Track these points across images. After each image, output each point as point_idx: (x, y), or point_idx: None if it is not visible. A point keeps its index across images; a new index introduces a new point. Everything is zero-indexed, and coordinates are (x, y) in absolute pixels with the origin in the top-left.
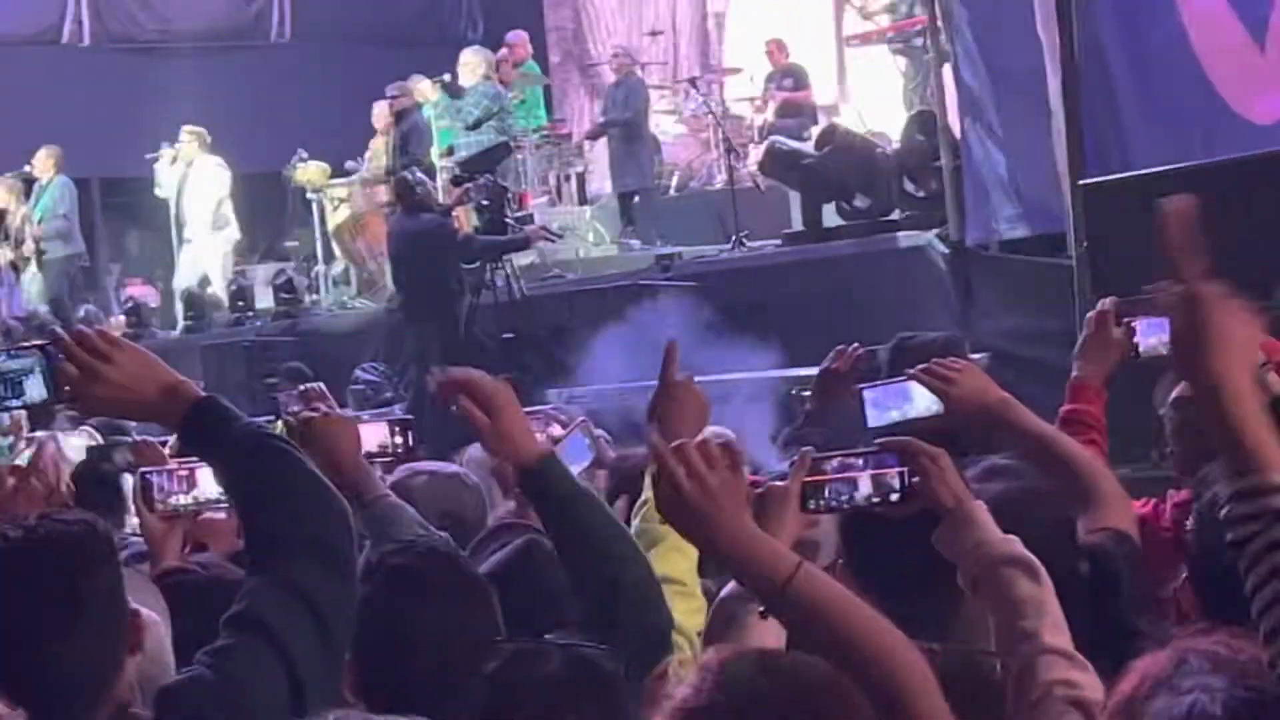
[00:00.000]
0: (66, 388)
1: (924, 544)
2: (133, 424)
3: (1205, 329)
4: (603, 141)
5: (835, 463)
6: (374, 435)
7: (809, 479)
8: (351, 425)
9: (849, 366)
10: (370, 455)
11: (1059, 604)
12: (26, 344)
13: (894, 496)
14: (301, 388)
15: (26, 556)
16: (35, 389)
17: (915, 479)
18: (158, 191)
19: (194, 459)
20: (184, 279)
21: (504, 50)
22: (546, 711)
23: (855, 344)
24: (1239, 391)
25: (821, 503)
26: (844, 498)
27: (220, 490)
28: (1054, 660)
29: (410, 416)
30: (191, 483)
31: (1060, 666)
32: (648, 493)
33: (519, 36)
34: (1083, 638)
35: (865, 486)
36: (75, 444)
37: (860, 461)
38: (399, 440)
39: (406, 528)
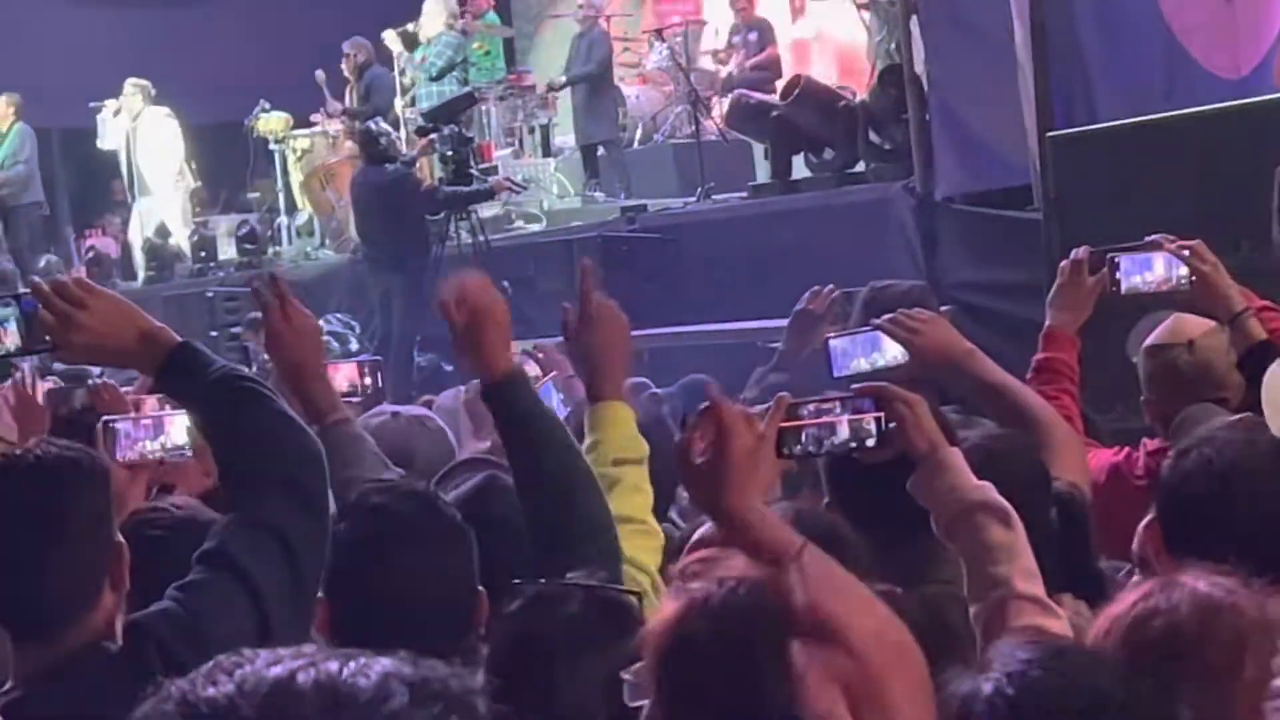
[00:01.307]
0: (46, 336)
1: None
2: (95, 369)
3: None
4: (567, 93)
5: (811, 408)
6: (344, 375)
7: (785, 424)
8: (316, 330)
9: (823, 308)
10: (342, 395)
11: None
12: (4, 294)
13: (870, 442)
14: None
15: (16, 475)
16: (11, 338)
17: (891, 424)
18: (100, 144)
19: (161, 407)
20: (139, 230)
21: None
22: (571, 651)
23: (830, 285)
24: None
25: (798, 448)
26: (821, 443)
27: (188, 439)
28: (1024, 605)
29: (379, 358)
30: (159, 429)
31: (1031, 612)
32: (594, 435)
33: None
34: (1050, 582)
35: (842, 432)
36: (41, 390)
37: (836, 407)
38: (368, 381)
39: (366, 460)
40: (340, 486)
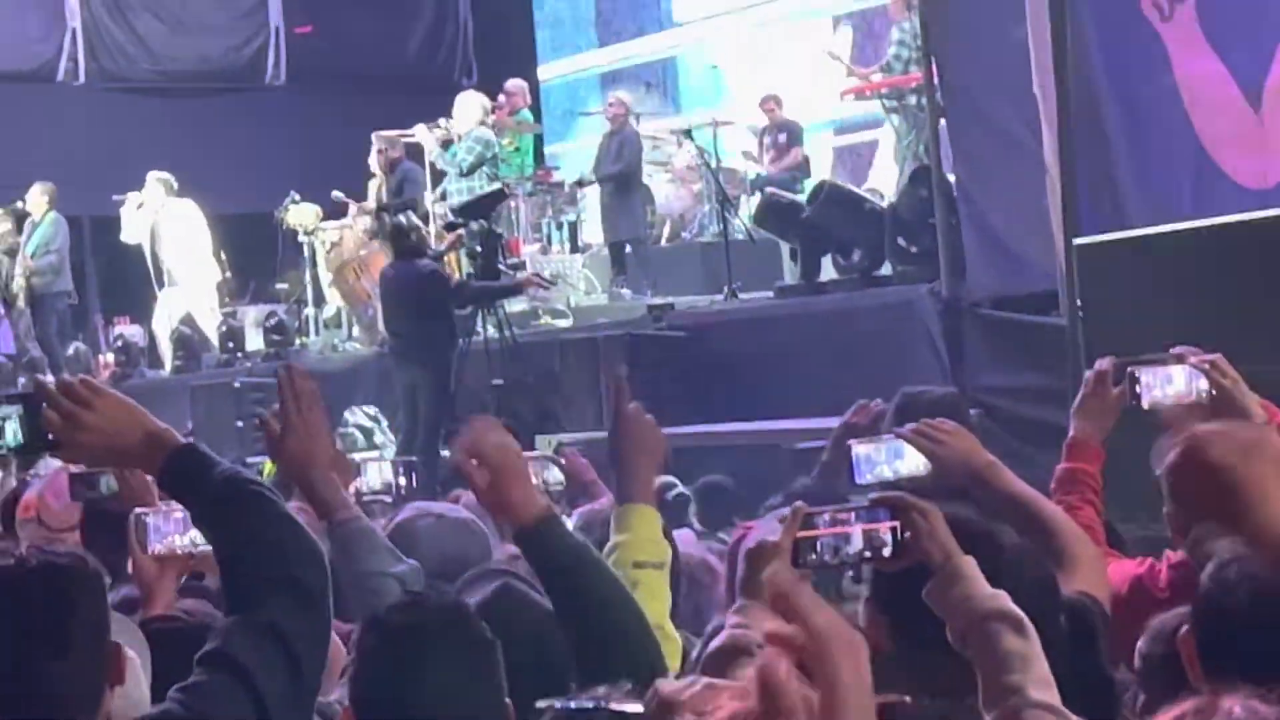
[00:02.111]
0: (49, 434)
1: None
2: None
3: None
4: (595, 190)
5: (827, 517)
6: (377, 474)
7: (801, 534)
8: (325, 431)
9: (869, 421)
10: (374, 493)
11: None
12: (10, 392)
13: (886, 551)
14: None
15: (17, 586)
16: (14, 434)
17: (907, 534)
18: (124, 237)
19: None
20: (163, 320)
21: (502, 98)
22: None
23: (878, 400)
24: None
25: (814, 558)
26: (837, 552)
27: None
28: (1040, 715)
29: (413, 459)
30: (187, 525)
31: None
32: (618, 536)
33: (518, 85)
34: (1063, 691)
35: (857, 541)
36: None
37: (852, 516)
38: (402, 481)
39: (378, 555)
40: (355, 580)
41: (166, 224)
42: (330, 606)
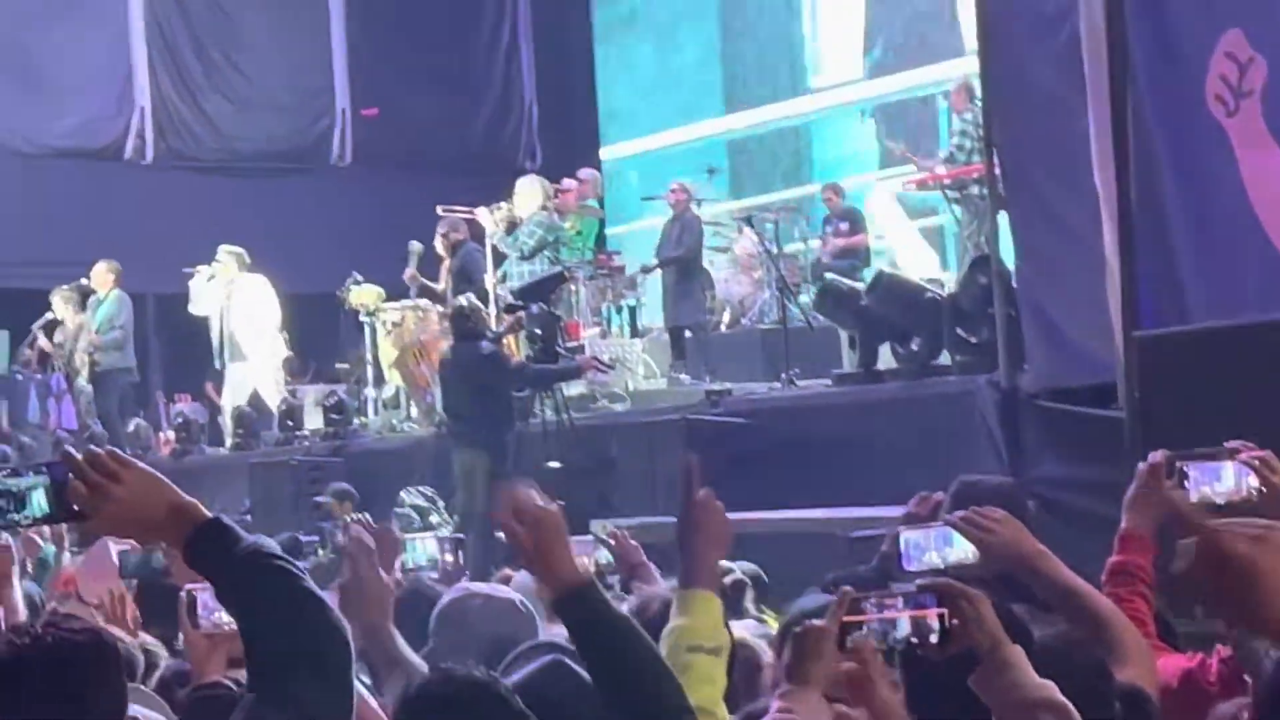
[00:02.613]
0: (75, 505)
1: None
2: None
3: (1251, 564)
4: (655, 275)
5: (874, 602)
6: (424, 549)
7: (847, 618)
8: (387, 589)
9: (929, 512)
10: (419, 568)
11: None
12: (38, 462)
13: (932, 638)
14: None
15: (33, 665)
16: (40, 505)
17: (954, 621)
18: (192, 309)
19: None
20: (231, 397)
21: (572, 183)
22: None
23: (940, 493)
24: None
25: (860, 642)
26: (884, 637)
27: None
28: None
29: (461, 536)
30: None
31: None
32: (679, 619)
33: (590, 174)
34: None
35: (904, 627)
36: (114, 551)
37: (899, 602)
38: (449, 558)
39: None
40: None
41: (238, 297)
42: (353, 682)
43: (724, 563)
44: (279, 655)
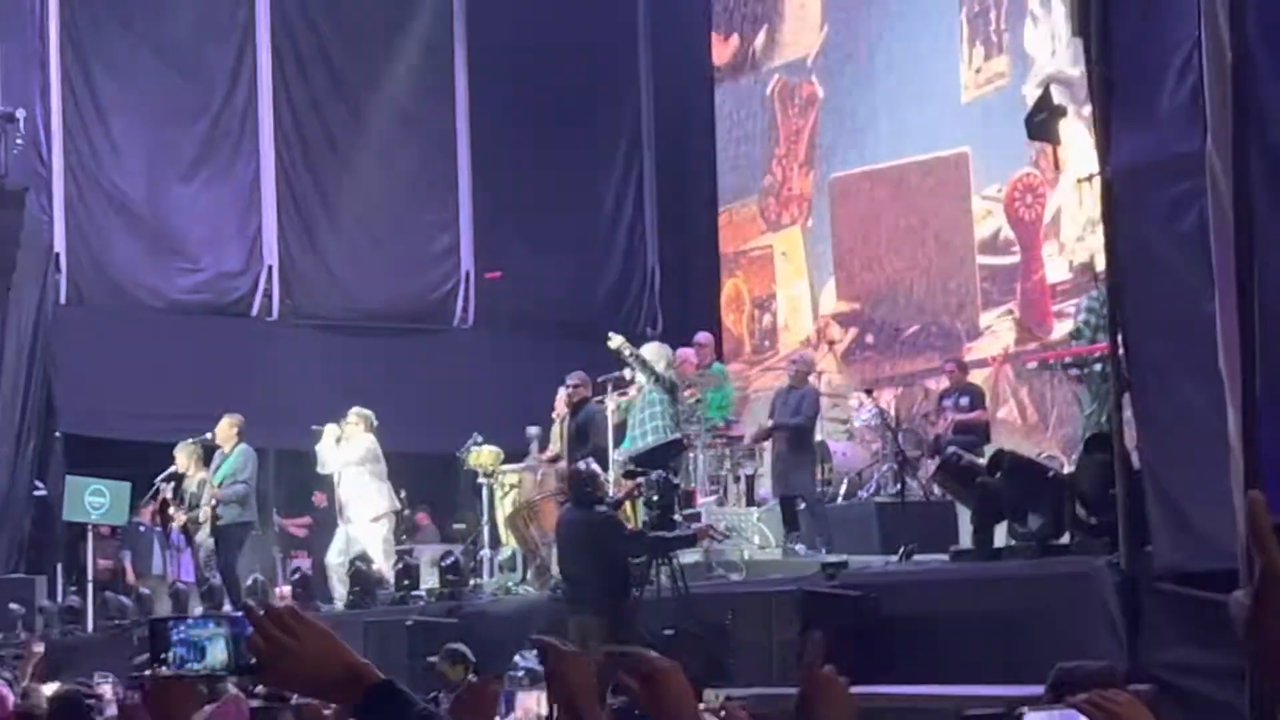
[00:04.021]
0: (253, 660)
1: None
2: None
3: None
4: (770, 444)
5: None
6: (523, 705)
7: None
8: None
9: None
10: None
11: None
12: (219, 613)
13: None
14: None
15: None
16: (219, 656)
17: None
18: (320, 469)
19: None
20: (336, 554)
21: (689, 350)
22: None
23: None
24: None
25: None
26: None
27: None
28: None
29: None
30: None
31: None
32: None
33: (707, 338)
34: None
35: None
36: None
37: None
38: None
39: None
40: None
41: (356, 457)
42: None
43: None
44: None
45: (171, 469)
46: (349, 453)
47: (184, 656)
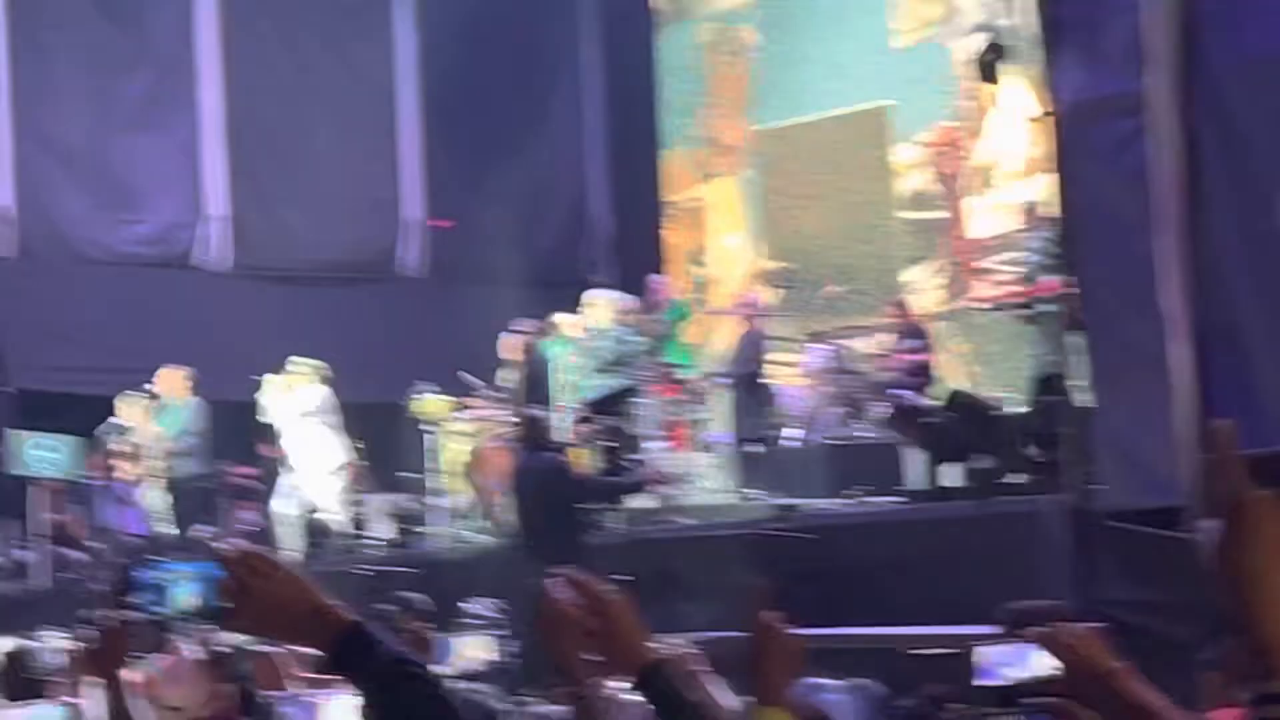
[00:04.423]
0: (222, 602)
1: None
2: None
3: (1256, 534)
4: (720, 388)
5: None
6: (475, 649)
7: None
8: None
9: None
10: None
11: None
12: (187, 557)
13: None
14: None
15: None
16: (187, 599)
17: None
18: (260, 417)
19: (324, 689)
20: (284, 505)
21: (632, 301)
22: None
23: None
24: (1263, 591)
25: None
26: None
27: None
28: None
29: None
30: (322, 713)
31: None
32: None
33: (659, 282)
34: None
35: None
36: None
37: None
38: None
39: None
40: None
41: (308, 406)
42: None
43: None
44: None
45: (116, 421)
46: (300, 404)
47: (152, 600)
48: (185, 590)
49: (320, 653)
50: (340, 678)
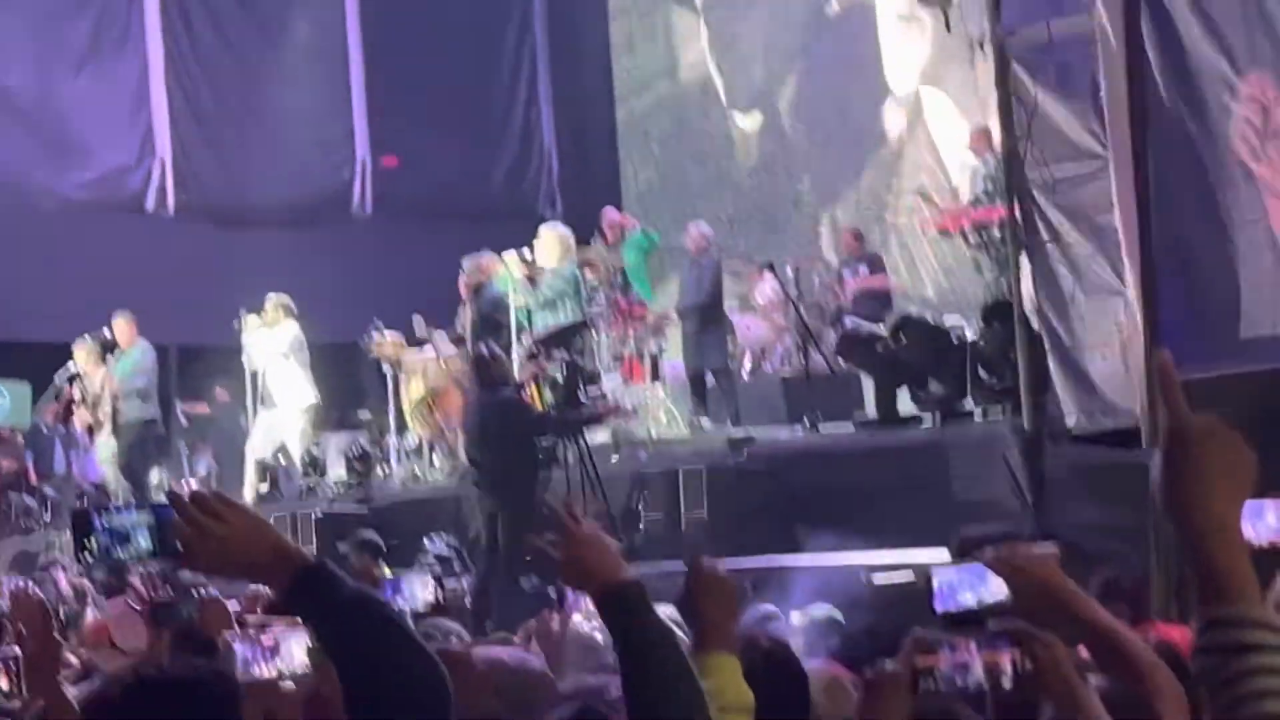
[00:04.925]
0: (179, 545)
1: None
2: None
3: (1199, 461)
4: (677, 321)
5: (947, 647)
6: (421, 589)
7: (921, 662)
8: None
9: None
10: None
11: None
12: (143, 501)
13: (1005, 682)
14: None
15: (161, 694)
16: (143, 543)
17: (1028, 665)
18: (247, 364)
19: (280, 627)
20: (257, 446)
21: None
22: None
23: None
24: (1225, 522)
25: (933, 686)
26: (956, 682)
27: (303, 661)
28: None
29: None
30: (275, 652)
31: None
32: (702, 683)
33: (613, 216)
34: None
35: (977, 671)
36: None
37: (973, 645)
38: (440, 597)
39: None
40: None
41: (275, 346)
42: None
43: (770, 609)
44: (378, 699)
45: (71, 367)
46: (275, 342)
47: (108, 545)
48: (139, 535)
49: (278, 591)
50: (295, 617)
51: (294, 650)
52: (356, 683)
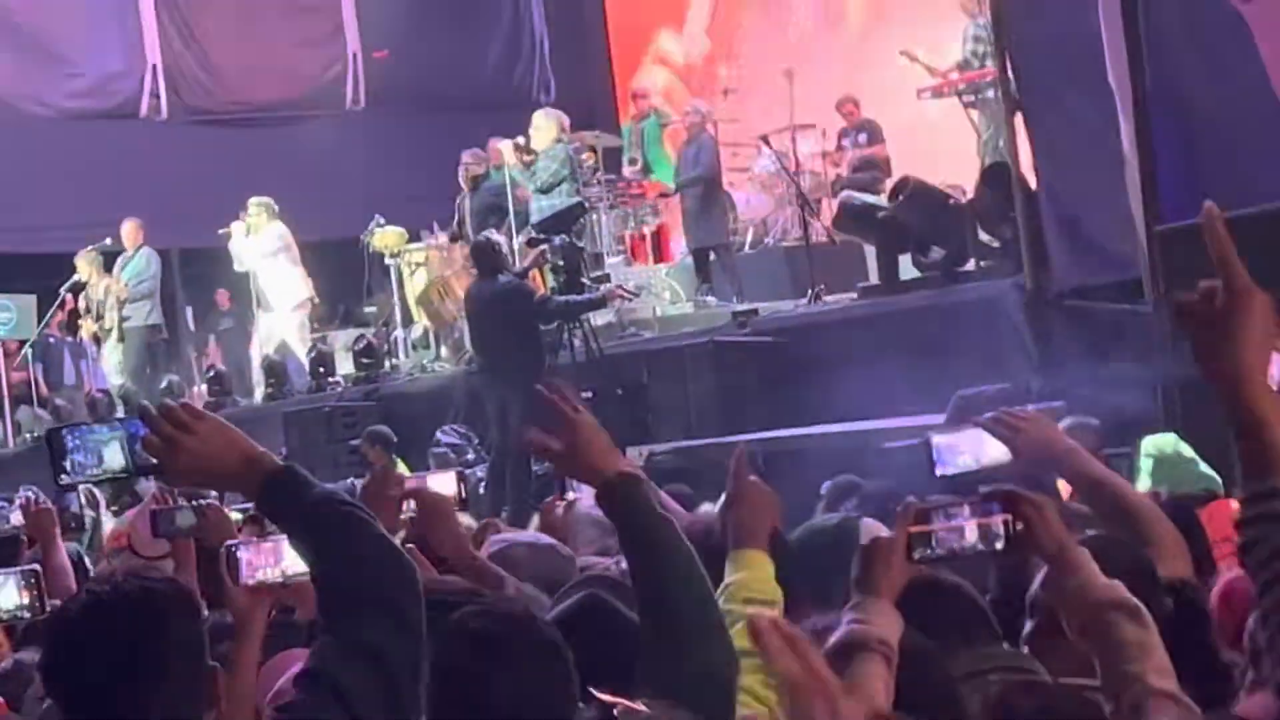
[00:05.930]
0: (152, 458)
1: None
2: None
3: (1237, 322)
4: (677, 199)
5: (940, 512)
6: (443, 484)
7: (914, 529)
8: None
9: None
10: None
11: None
12: (113, 417)
13: (999, 544)
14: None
15: (114, 611)
16: (115, 459)
17: (1019, 526)
18: (237, 267)
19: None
20: (259, 347)
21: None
22: None
23: None
24: (1261, 388)
25: (928, 552)
26: (950, 546)
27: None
28: (1162, 703)
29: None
30: (278, 556)
31: (1168, 709)
32: (732, 575)
33: (642, 88)
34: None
35: (971, 535)
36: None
37: (965, 510)
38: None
39: None
40: None
41: (269, 246)
42: (424, 633)
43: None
44: (352, 601)
45: (75, 277)
46: (261, 245)
47: (82, 463)
48: (113, 452)
49: (251, 497)
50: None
51: (296, 554)
52: (328, 580)
